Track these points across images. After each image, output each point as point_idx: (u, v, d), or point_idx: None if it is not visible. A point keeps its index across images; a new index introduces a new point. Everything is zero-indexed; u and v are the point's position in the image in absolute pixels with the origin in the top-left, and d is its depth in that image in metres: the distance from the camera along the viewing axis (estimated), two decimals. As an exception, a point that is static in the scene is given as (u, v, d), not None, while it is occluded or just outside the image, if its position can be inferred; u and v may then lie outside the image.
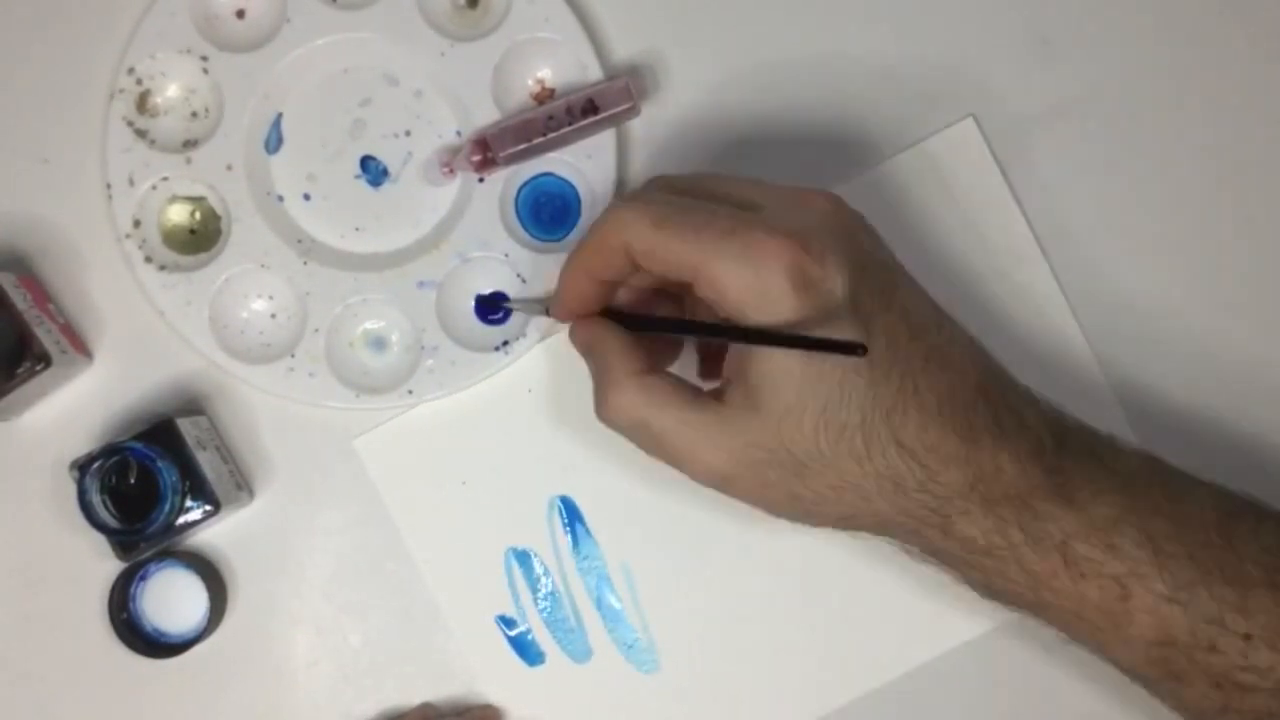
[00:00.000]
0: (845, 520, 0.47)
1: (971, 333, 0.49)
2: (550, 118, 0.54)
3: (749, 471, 0.46)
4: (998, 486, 0.45)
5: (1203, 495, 0.47)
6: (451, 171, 0.56)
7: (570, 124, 0.54)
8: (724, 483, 0.47)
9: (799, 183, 0.48)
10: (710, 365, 0.53)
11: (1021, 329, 0.56)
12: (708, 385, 0.49)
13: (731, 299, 0.44)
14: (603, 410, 0.48)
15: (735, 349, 0.46)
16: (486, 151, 0.54)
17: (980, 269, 0.57)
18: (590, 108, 0.53)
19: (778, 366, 0.44)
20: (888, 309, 0.45)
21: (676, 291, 0.50)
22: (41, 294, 0.55)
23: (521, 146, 0.54)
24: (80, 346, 0.55)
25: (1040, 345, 0.56)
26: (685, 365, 0.53)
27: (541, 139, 0.54)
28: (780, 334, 0.44)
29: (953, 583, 0.48)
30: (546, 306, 0.52)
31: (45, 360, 0.52)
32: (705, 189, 0.48)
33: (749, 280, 0.44)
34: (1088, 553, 0.45)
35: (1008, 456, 0.45)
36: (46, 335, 0.53)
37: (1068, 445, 0.47)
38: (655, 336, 0.51)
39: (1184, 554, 0.45)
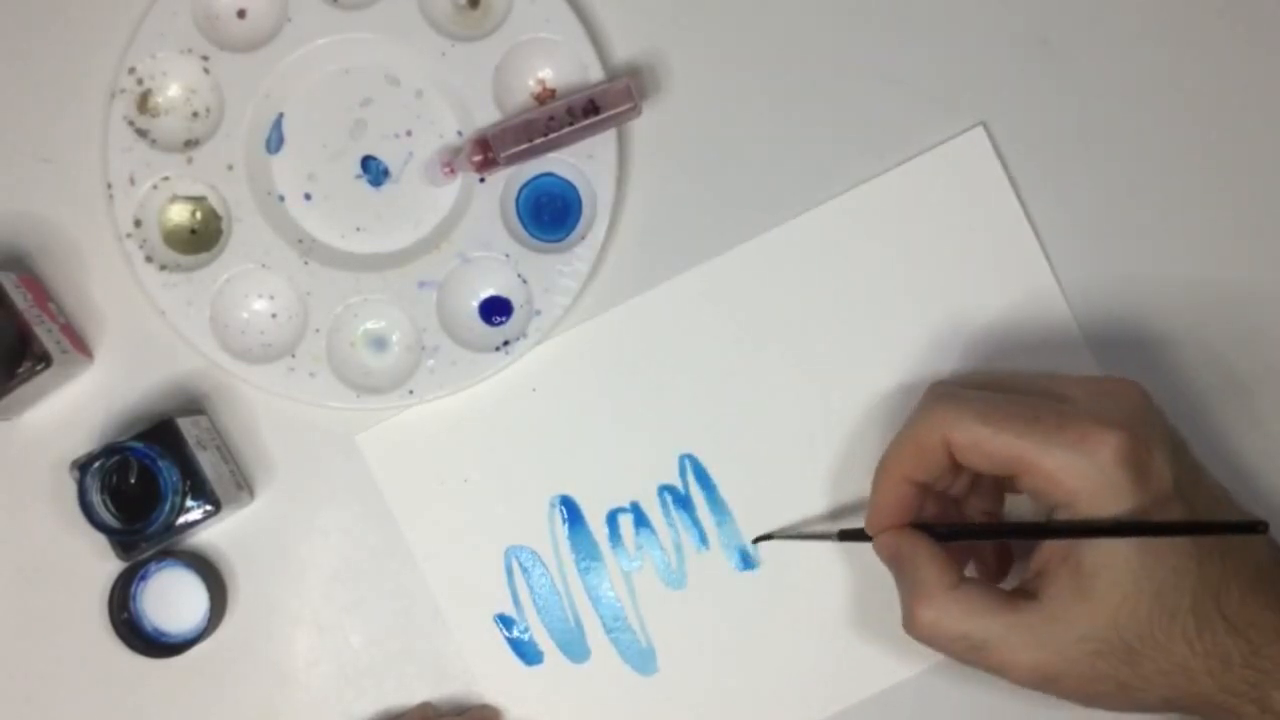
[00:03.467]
0: (1166, 704, 0.47)
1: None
2: (551, 118, 0.53)
3: (1079, 666, 0.46)
4: None
5: None
6: (452, 171, 0.56)
7: (571, 124, 0.54)
8: (1051, 682, 0.47)
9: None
10: (999, 565, 0.53)
11: (1025, 334, 0.56)
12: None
13: (1067, 490, 0.45)
14: (915, 626, 0.48)
15: (1053, 543, 0.47)
16: (487, 151, 0.54)
17: (986, 277, 0.57)
18: (591, 108, 0.53)
19: (1115, 555, 0.45)
20: (1199, 487, 0.47)
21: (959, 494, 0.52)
22: (42, 293, 0.55)
23: (522, 146, 0.54)
24: (81, 346, 0.55)
25: (1044, 351, 0.56)
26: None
27: (543, 139, 0.54)
28: (1160, 524, 0.45)
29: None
30: (834, 534, 0.52)
31: (46, 360, 0.52)
32: (1001, 384, 0.49)
33: (1086, 471, 0.45)
34: None
35: None
36: (47, 335, 0.53)
37: None
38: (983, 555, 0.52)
39: None
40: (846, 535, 0.52)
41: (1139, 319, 0.57)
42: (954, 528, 0.51)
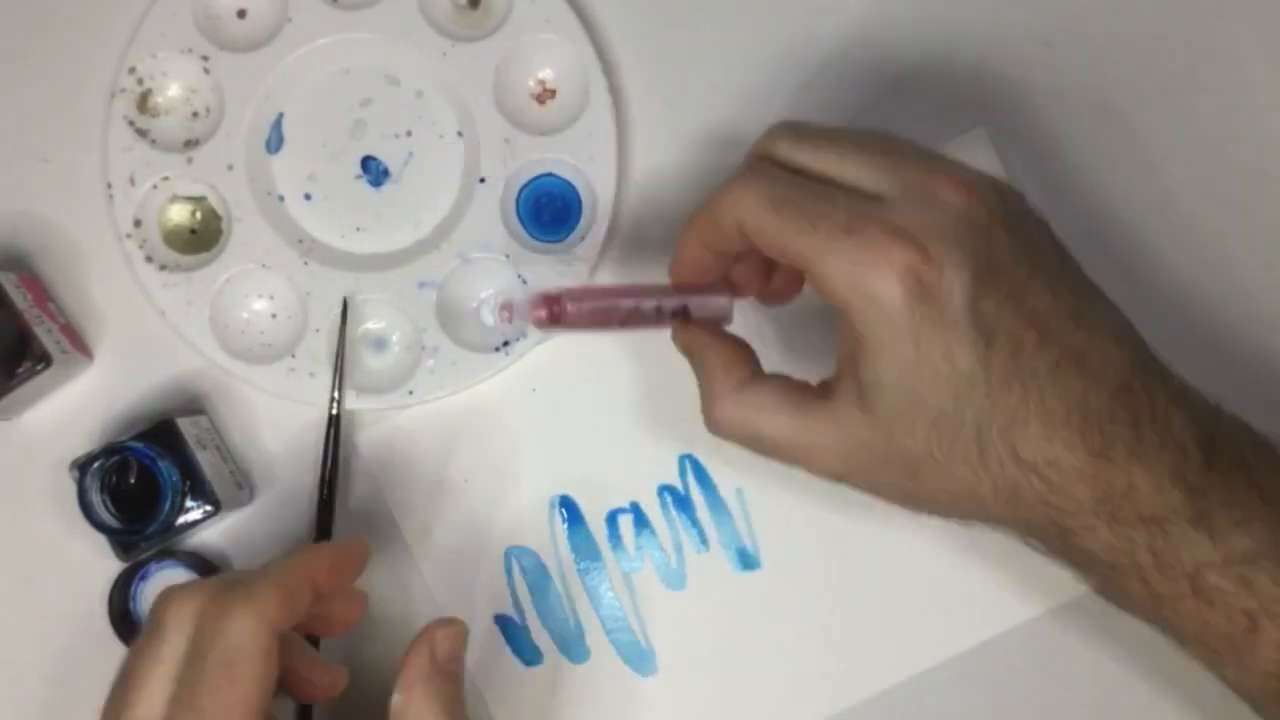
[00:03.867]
0: (963, 517, 0.45)
1: (1123, 319, 0.46)
2: (636, 310, 0.48)
3: (862, 469, 0.45)
4: (1128, 506, 0.42)
5: None
6: (510, 319, 0.51)
7: (655, 323, 0.49)
8: (840, 479, 0.46)
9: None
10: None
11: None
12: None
13: (839, 300, 0.43)
14: (710, 424, 0.47)
15: (842, 342, 0.45)
16: (554, 307, 0.48)
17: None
18: (683, 313, 0.49)
19: (888, 375, 0.43)
20: (1016, 315, 0.43)
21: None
22: (42, 293, 0.55)
23: (593, 327, 0.49)
24: (81, 346, 0.55)
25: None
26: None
27: (619, 326, 0.49)
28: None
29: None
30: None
31: (46, 360, 0.52)
32: (832, 158, 0.45)
33: (859, 284, 0.42)
34: (1219, 584, 0.42)
35: (1143, 474, 0.42)
36: (47, 335, 0.53)
37: (1217, 457, 0.43)
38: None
39: None
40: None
41: (1140, 319, 0.57)
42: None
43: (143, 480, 0.52)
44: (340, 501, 0.56)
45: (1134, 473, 0.42)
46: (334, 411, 0.54)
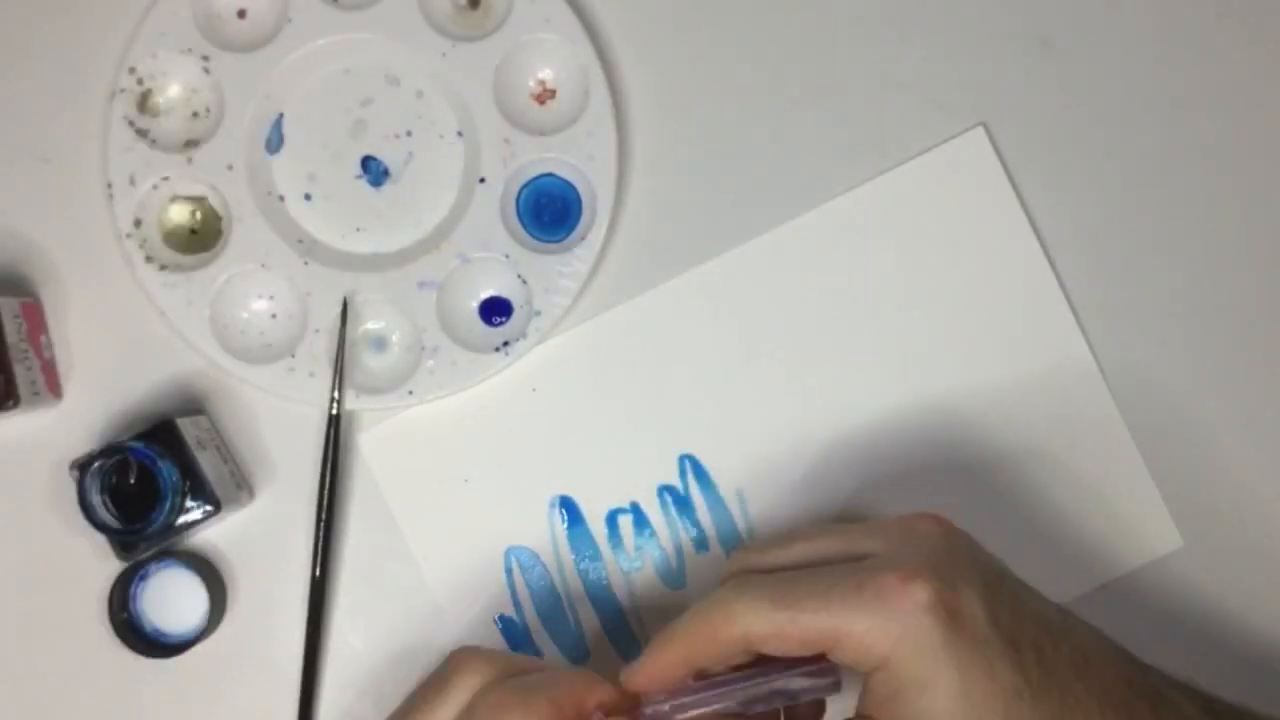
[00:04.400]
0: None
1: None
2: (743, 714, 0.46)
3: None
4: None
5: None
6: None
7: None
8: None
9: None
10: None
11: (1026, 334, 0.56)
12: None
13: (879, 654, 0.42)
14: None
15: (875, 691, 0.43)
16: None
17: (986, 277, 0.57)
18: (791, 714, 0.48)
19: (939, 709, 0.42)
20: (1025, 619, 0.44)
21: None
22: (38, 323, 0.55)
23: None
24: (54, 386, 0.55)
25: (1045, 351, 0.56)
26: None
27: None
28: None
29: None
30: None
31: (14, 400, 0.51)
32: (797, 553, 0.47)
33: (891, 631, 0.42)
34: None
35: None
36: (25, 373, 0.53)
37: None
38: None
39: None
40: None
41: (1140, 318, 0.57)
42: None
43: (143, 480, 0.52)
44: (340, 502, 0.56)
45: None
46: (334, 412, 0.54)
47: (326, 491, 0.55)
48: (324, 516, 0.55)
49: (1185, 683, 0.46)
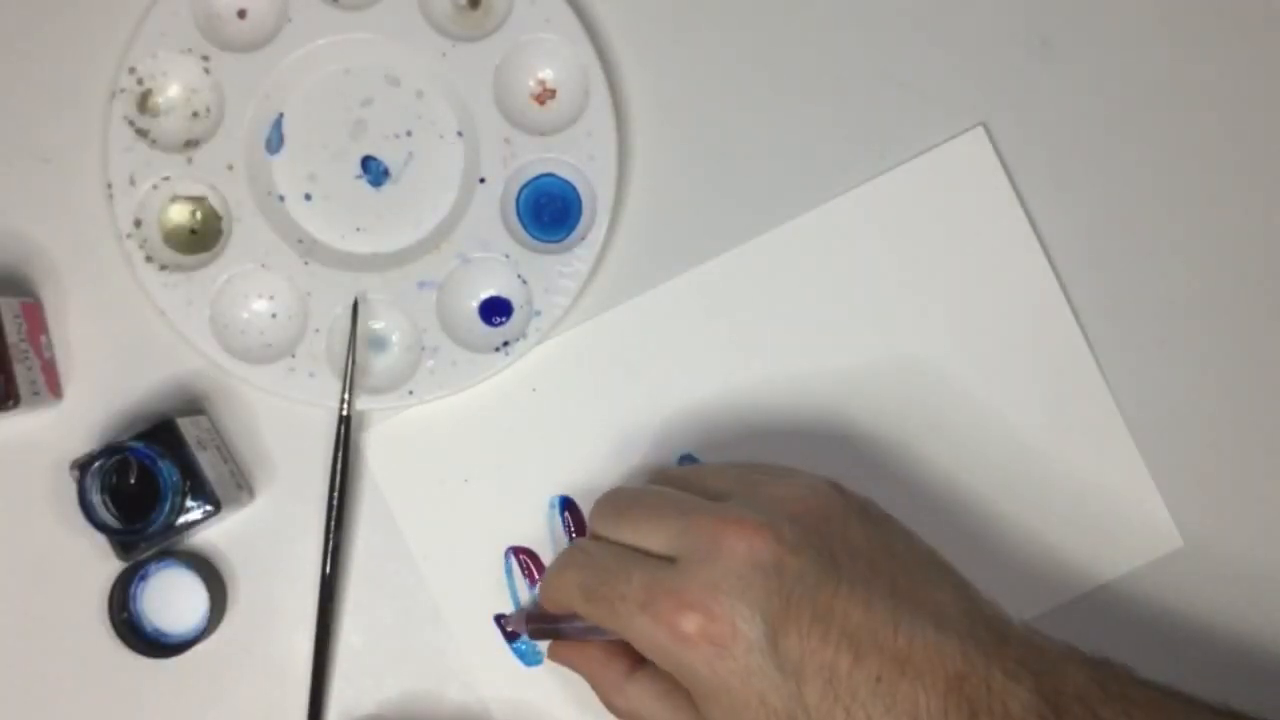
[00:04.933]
0: None
1: (946, 561, 0.47)
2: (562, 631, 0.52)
3: None
4: None
5: None
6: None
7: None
8: None
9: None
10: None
11: (1026, 334, 0.56)
12: None
13: (664, 666, 0.46)
14: (615, 714, 0.50)
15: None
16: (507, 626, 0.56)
17: (987, 277, 0.57)
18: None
19: (718, 714, 0.44)
20: (824, 642, 0.43)
21: None
22: (38, 323, 0.55)
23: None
24: (54, 387, 0.55)
25: (1045, 351, 0.56)
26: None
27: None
28: None
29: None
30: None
31: (14, 400, 0.51)
32: (628, 531, 0.49)
33: (668, 653, 0.45)
34: None
35: None
36: (25, 374, 0.52)
37: None
38: None
39: None
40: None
41: (1140, 318, 0.57)
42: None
43: (143, 480, 0.52)
44: (349, 502, 0.56)
45: None
46: (344, 413, 0.54)
47: (337, 493, 0.55)
48: (334, 518, 0.55)
49: (1041, 656, 0.44)
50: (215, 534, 0.56)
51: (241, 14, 0.57)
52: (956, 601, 0.45)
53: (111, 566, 0.54)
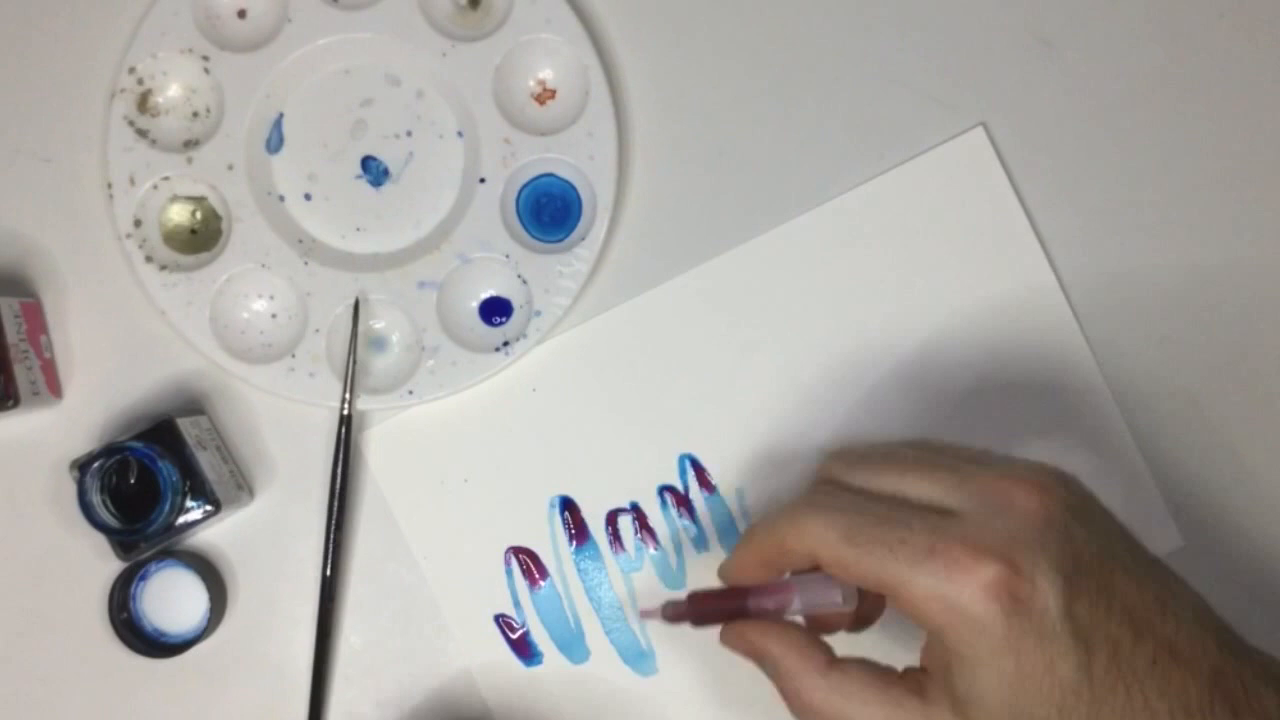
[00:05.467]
0: None
1: (1195, 592, 0.45)
2: (756, 609, 0.48)
3: None
4: None
5: None
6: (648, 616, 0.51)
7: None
8: None
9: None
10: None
11: (1026, 334, 0.56)
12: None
13: (932, 623, 0.42)
14: (799, 712, 0.46)
15: (936, 649, 0.43)
16: (679, 614, 0.49)
17: (986, 278, 0.57)
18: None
19: (988, 689, 0.41)
20: (1109, 614, 0.42)
21: None
22: (38, 323, 0.55)
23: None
24: (54, 386, 0.55)
25: (1045, 351, 0.56)
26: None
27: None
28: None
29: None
30: (666, 611, 0.49)
31: (14, 400, 0.51)
32: (894, 478, 0.45)
33: (951, 605, 0.41)
34: None
35: None
36: (25, 373, 0.53)
37: None
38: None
39: None
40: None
41: (1140, 318, 0.57)
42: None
43: (143, 480, 0.52)
44: (350, 502, 0.56)
45: None
46: (345, 412, 0.54)
47: (338, 493, 0.55)
48: (334, 518, 0.55)
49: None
50: (215, 534, 0.56)
51: (241, 14, 0.57)
52: (1206, 605, 0.44)
53: (111, 566, 0.54)
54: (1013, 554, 0.41)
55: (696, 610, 0.48)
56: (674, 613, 0.49)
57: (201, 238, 0.56)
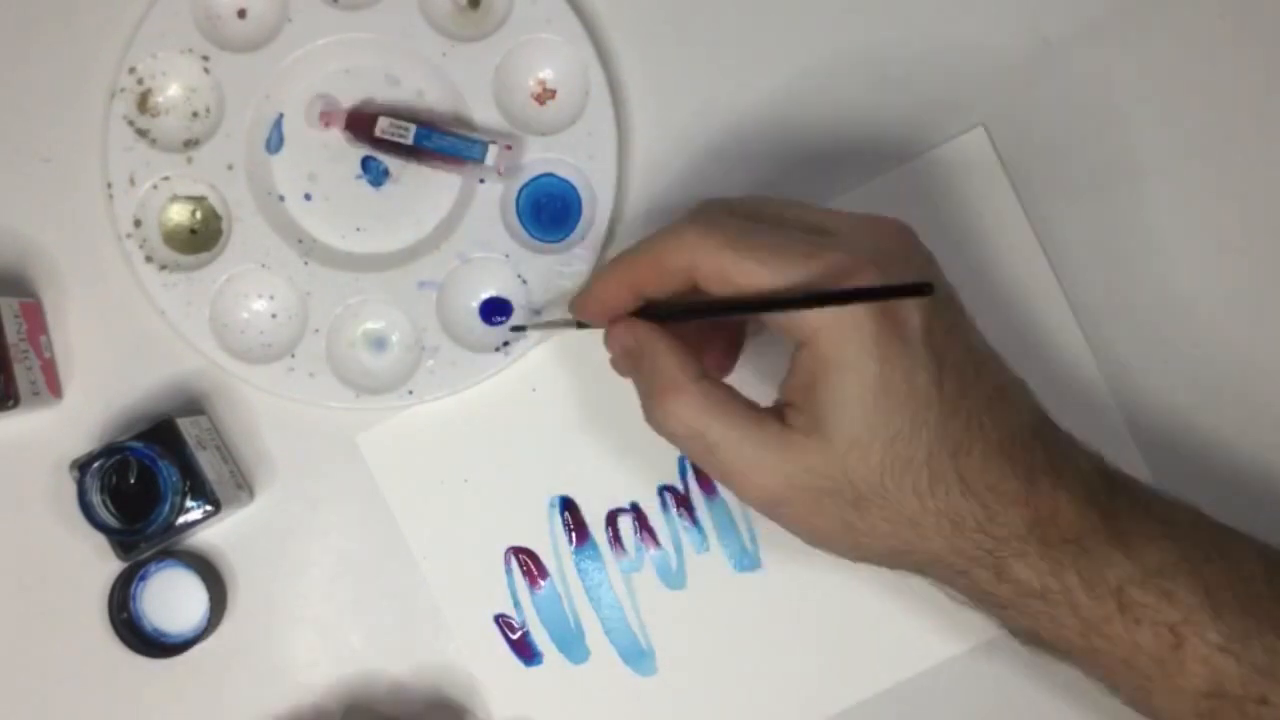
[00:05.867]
0: (893, 556, 0.46)
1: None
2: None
3: (804, 497, 0.44)
4: (1055, 529, 0.44)
5: (1248, 547, 0.47)
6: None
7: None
8: (774, 505, 0.45)
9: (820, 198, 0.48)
10: (725, 361, 0.51)
11: (1026, 334, 0.56)
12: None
13: (808, 326, 0.43)
14: (657, 415, 0.46)
15: (797, 371, 0.45)
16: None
17: (986, 277, 0.57)
18: None
19: (850, 395, 0.43)
20: (958, 345, 0.45)
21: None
22: (38, 323, 0.55)
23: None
24: (54, 387, 0.55)
25: (1045, 351, 0.56)
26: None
27: None
28: (845, 291, 0.42)
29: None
30: (573, 321, 0.50)
31: (14, 400, 0.51)
32: (768, 214, 0.47)
33: (831, 309, 0.43)
34: (1142, 598, 0.44)
35: (1066, 499, 0.44)
36: (25, 373, 0.52)
37: (1117, 491, 0.46)
38: (710, 350, 0.50)
39: (1236, 604, 0.44)
40: (583, 325, 0.50)
41: (1139, 318, 0.57)
42: (685, 308, 0.47)
43: (143, 480, 0.52)
44: (341, 501, 0.56)
45: (1058, 498, 0.44)
46: None
47: None
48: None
49: (1090, 448, 0.47)
50: (215, 534, 0.56)
51: (241, 14, 0.57)
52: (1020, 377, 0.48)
53: (111, 566, 0.54)
54: (887, 266, 0.43)
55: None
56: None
57: (201, 238, 0.56)
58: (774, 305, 0.44)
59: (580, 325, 0.50)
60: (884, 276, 0.43)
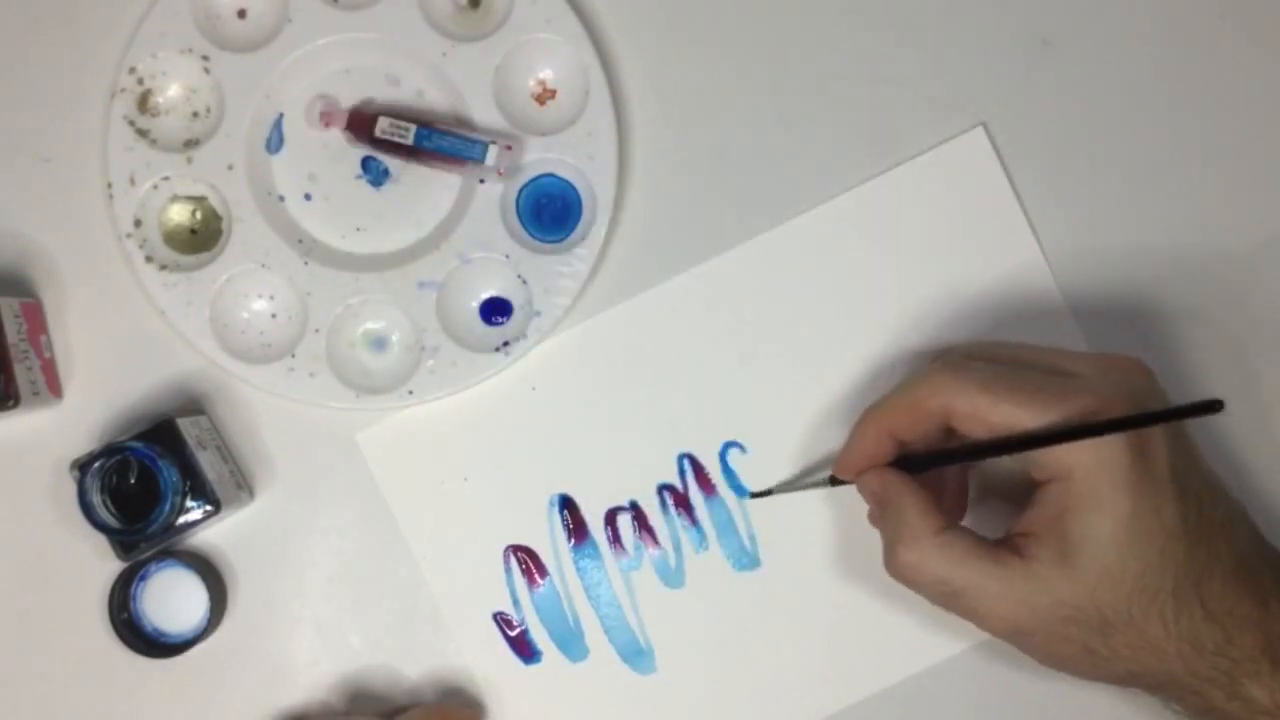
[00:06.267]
0: (1129, 677, 0.47)
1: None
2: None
3: (1049, 626, 0.46)
4: None
5: None
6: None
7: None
8: (1018, 635, 0.47)
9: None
10: (957, 505, 0.54)
11: (1024, 334, 0.56)
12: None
13: (1065, 464, 0.45)
14: (896, 566, 0.48)
15: (1043, 505, 0.47)
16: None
17: (986, 277, 0.57)
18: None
19: (1104, 529, 0.45)
20: (1194, 476, 0.47)
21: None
22: (38, 323, 0.55)
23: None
24: (54, 386, 0.55)
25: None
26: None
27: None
28: (1134, 417, 0.45)
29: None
30: (825, 480, 0.53)
31: (15, 400, 0.51)
32: (1005, 356, 0.49)
33: (1085, 446, 0.45)
34: None
35: None
36: (25, 373, 0.53)
37: None
38: (945, 494, 0.52)
39: None
40: (837, 481, 0.52)
41: (1138, 319, 0.57)
42: (930, 455, 0.50)
43: (143, 480, 0.52)
44: (341, 500, 0.56)
45: None
46: None
47: None
48: None
49: None
50: (215, 534, 0.56)
51: (241, 14, 0.57)
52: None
53: (111, 566, 0.54)
54: (1136, 405, 0.46)
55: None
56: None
57: (201, 238, 0.56)
58: (1034, 443, 0.46)
59: (834, 483, 0.53)
60: (1136, 412, 0.45)
